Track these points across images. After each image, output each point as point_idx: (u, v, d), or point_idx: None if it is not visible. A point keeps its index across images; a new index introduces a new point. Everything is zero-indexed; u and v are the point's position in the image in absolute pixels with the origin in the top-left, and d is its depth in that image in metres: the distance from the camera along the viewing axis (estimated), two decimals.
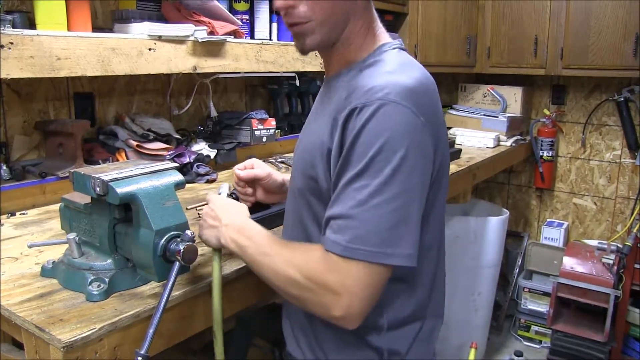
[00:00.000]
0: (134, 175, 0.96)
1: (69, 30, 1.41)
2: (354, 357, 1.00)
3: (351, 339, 0.98)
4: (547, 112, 3.36)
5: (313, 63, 2.15)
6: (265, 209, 1.35)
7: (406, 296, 0.99)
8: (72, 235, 1.01)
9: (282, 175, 1.27)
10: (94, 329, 0.85)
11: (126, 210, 1.00)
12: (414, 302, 1.01)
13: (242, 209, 1.05)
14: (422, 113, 0.85)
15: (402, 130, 0.82)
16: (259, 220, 1.01)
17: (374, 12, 1.01)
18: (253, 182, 1.26)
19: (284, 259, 0.89)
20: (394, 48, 0.99)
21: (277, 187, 1.27)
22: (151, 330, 0.86)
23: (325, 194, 0.94)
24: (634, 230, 2.73)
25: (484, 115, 3.17)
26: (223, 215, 1.00)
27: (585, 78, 3.26)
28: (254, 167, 1.25)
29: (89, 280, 0.96)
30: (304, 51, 0.98)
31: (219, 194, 1.14)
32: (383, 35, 1.01)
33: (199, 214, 1.26)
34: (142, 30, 1.54)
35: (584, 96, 3.34)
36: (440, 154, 0.93)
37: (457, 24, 3.11)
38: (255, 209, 1.29)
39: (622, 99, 3.13)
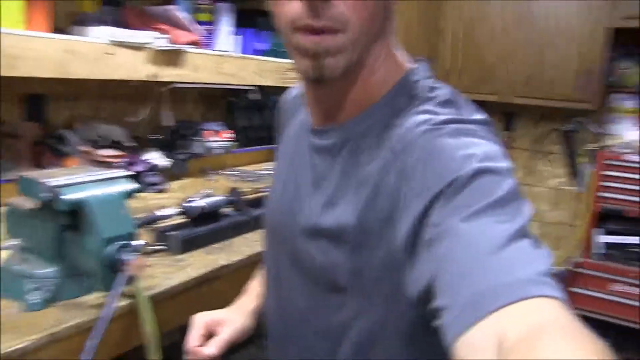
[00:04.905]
0: (83, 181, 0.94)
1: (27, 30, 1.37)
2: None
3: None
4: None
5: (273, 77, 2.17)
6: None
7: None
8: (14, 241, 0.98)
9: (242, 318, 0.93)
10: (32, 339, 0.82)
11: (74, 217, 0.97)
12: None
13: None
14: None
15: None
16: None
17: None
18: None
19: None
20: (426, 77, 0.72)
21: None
22: (92, 342, 0.84)
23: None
24: (575, 256, 2.85)
25: None
26: None
27: (536, 107, 3.41)
28: (220, 331, 0.89)
29: (29, 288, 0.93)
30: (319, 78, 0.65)
31: None
32: (403, 58, 0.74)
33: None
34: (101, 34, 1.52)
35: (533, 124, 3.49)
36: None
37: (419, 47, 3.19)
38: None
39: (569, 129, 3.29)
